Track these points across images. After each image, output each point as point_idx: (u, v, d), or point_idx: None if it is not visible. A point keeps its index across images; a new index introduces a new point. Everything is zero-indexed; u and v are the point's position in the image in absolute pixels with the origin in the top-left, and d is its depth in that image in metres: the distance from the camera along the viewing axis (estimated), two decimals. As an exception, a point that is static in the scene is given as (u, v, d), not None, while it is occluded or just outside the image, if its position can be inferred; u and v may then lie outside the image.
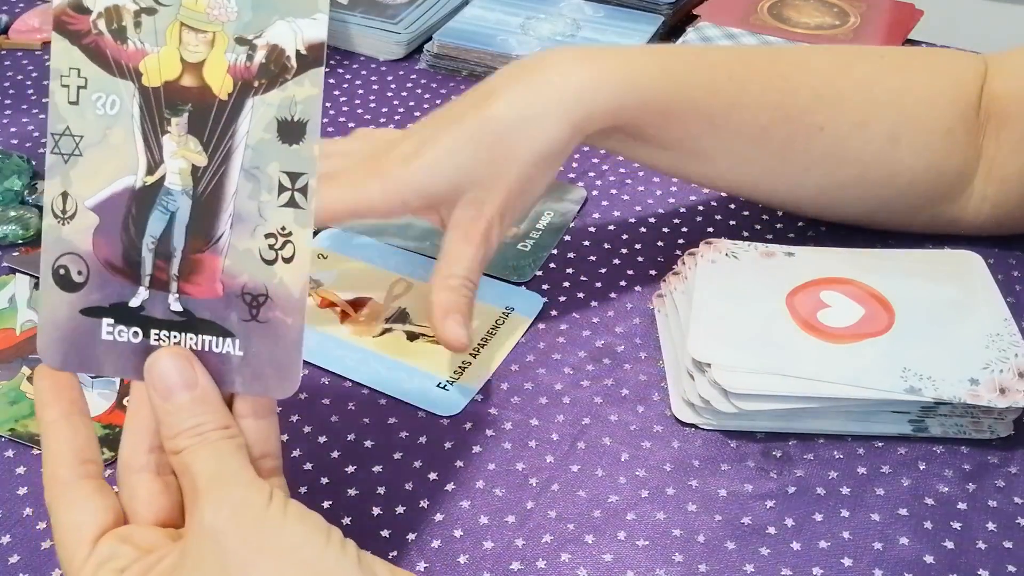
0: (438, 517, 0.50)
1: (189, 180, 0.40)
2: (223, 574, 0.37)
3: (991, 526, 0.50)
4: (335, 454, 0.54)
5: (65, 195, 0.40)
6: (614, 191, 0.73)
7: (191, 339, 0.41)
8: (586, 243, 0.68)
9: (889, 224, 0.65)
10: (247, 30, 0.39)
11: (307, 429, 0.55)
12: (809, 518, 0.51)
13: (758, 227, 0.69)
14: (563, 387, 0.58)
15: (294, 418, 0.55)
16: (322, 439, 0.54)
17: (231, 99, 0.40)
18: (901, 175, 0.62)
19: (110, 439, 0.53)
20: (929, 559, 0.49)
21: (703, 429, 0.55)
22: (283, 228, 0.40)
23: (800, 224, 0.69)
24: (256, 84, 0.39)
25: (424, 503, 0.51)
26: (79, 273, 0.41)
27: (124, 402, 0.54)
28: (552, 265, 0.66)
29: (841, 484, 0.52)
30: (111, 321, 0.41)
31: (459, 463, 0.53)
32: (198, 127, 0.40)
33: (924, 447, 0.54)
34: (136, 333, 0.41)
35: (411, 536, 0.49)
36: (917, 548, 0.49)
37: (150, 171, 0.40)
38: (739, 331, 0.56)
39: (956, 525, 0.50)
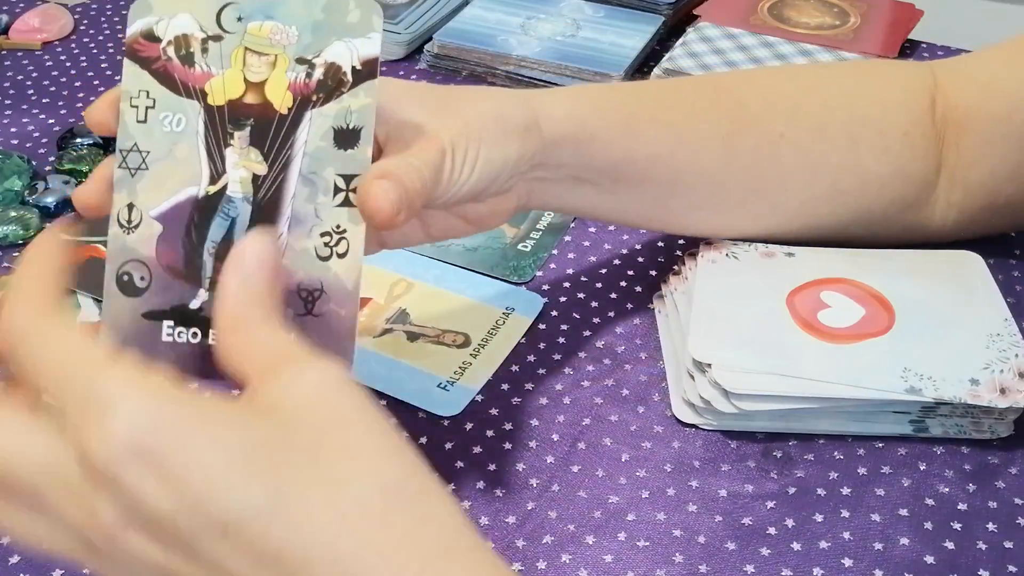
0: (438, 517, 0.50)
1: (250, 188, 0.43)
2: (304, 448, 0.34)
3: (991, 526, 0.50)
4: (335, 454, 0.53)
5: (131, 206, 0.43)
6: (614, 191, 0.73)
7: None
8: (586, 243, 0.68)
9: (866, 237, 0.64)
10: (307, 51, 0.43)
11: (307, 429, 0.55)
12: (809, 519, 0.51)
13: (758, 227, 0.69)
14: (563, 387, 0.58)
15: (294, 418, 0.55)
16: (322, 439, 0.54)
17: (291, 113, 0.43)
18: (870, 182, 0.62)
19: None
20: (929, 559, 0.49)
21: (703, 429, 0.55)
22: (338, 226, 0.43)
23: (800, 224, 0.69)
24: (314, 98, 0.43)
25: (424, 503, 0.51)
26: (142, 279, 0.43)
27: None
28: (552, 265, 0.66)
29: (841, 484, 0.52)
30: (171, 323, 0.43)
31: (459, 463, 0.53)
32: (259, 139, 0.43)
33: (924, 447, 0.54)
34: (195, 333, 0.43)
35: (411, 536, 0.49)
36: (917, 548, 0.49)
37: (213, 181, 0.43)
38: (739, 331, 0.56)
39: (956, 525, 0.50)
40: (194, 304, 0.43)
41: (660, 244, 0.68)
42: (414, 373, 0.58)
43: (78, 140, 0.75)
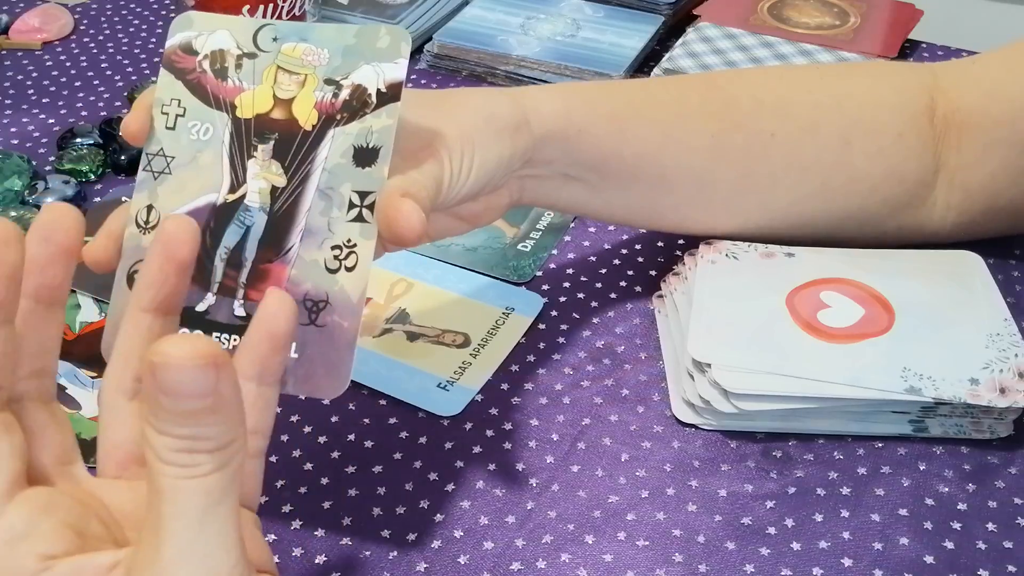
0: (438, 517, 0.50)
1: (267, 199, 0.44)
2: None
3: (991, 526, 0.50)
4: (335, 454, 0.54)
5: (150, 208, 0.44)
6: (614, 191, 0.73)
7: None
8: (586, 243, 0.68)
9: (859, 236, 0.65)
10: (335, 73, 0.45)
11: (307, 429, 0.55)
12: (809, 518, 0.51)
13: (758, 227, 0.69)
14: (563, 387, 0.58)
15: (294, 418, 0.55)
16: (322, 439, 0.54)
17: (315, 130, 0.44)
18: (861, 181, 0.62)
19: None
20: (929, 559, 0.49)
21: (703, 429, 0.55)
22: (348, 240, 0.43)
23: (800, 224, 0.69)
24: (338, 117, 0.44)
25: (424, 503, 0.51)
26: None
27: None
28: (552, 265, 0.66)
29: (841, 484, 0.52)
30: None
31: (459, 463, 0.53)
32: (282, 153, 0.44)
33: (924, 447, 0.54)
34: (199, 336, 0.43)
35: (411, 536, 0.50)
36: (917, 548, 0.49)
37: (232, 190, 0.44)
38: (739, 331, 0.56)
39: (956, 525, 0.50)
40: (200, 307, 0.43)
41: (660, 244, 0.68)
42: (414, 373, 0.58)
43: (78, 140, 0.75)
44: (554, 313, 0.62)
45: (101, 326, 0.51)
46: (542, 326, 0.62)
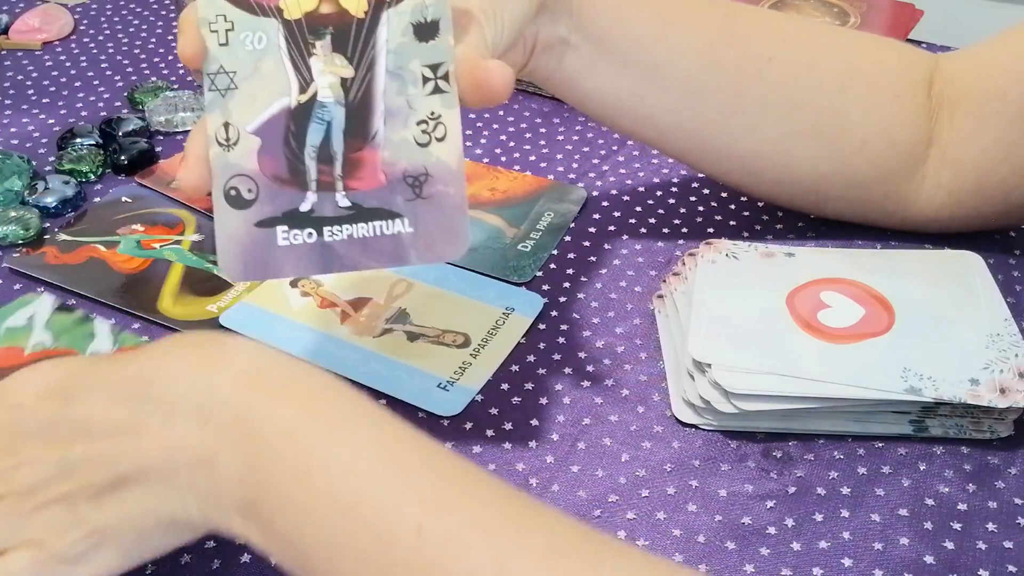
0: (438, 517, 0.50)
1: (340, 91, 0.45)
2: None
3: (991, 526, 0.50)
4: (335, 454, 0.54)
5: (227, 125, 0.45)
6: (614, 191, 0.73)
7: (363, 228, 0.46)
8: (586, 243, 0.68)
9: (844, 202, 0.65)
10: None
11: (307, 429, 0.55)
12: (809, 518, 0.51)
13: (758, 227, 0.69)
14: (563, 387, 0.58)
15: (294, 418, 0.55)
16: (322, 439, 0.54)
17: (367, 16, 0.45)
18: (852, 132, 0.62)
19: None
20: (929, 559, 0.49)
21: (703, 429, 0.55)
22: (432, 113, 0.45)
23: (800, 224, 0.69)
24: (388, 0, 0.45)
25: (424, 503, 0.51)
26: (249, 191, 0.45)
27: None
28: (552, 265, 0.66)
29: (841, 484, 0.52)
30: (285, 228, 0.45)
31: (459, 463, 0.53)
32: (341, 45, 0.45)
33: (924, 447, 0.54)
34: (311, 233, 0.45)
35: (411, 536, 0.49)
36: (917, 548, 0.49)
37: (302, 90, 0.45)
38: (739, 331, 0.56)
39: (956, 525, 0.50)
40: (304, 207, 0.45)
41: (660, 244, 0.68)
42: (414, 373, 0.58)
43: (78, 140, 0.75)
44: (554, 313, 0.62)
45: (52, 353, 0.54)
46: (542, 326, 0.62)
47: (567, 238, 0.69)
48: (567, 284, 0.65)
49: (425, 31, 0.45)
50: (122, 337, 0.56)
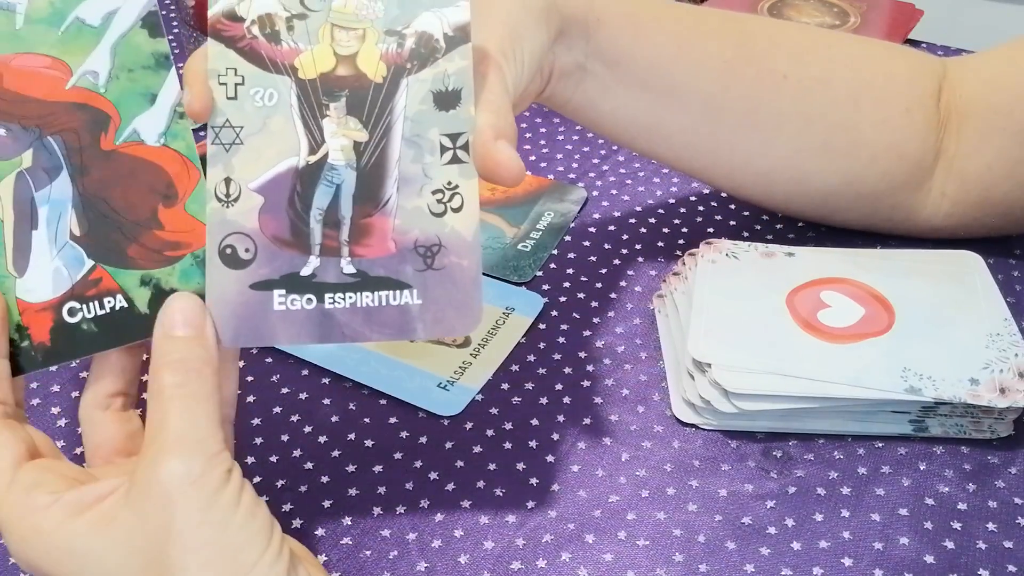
0: (438, 517, 0.50)
1: (352, 155, 0.44)
2: (160, 539, 0.38)
3: (991, 526, 0.50)
4: (335, 454, 0.54)
5: (228, 180, 0.43)
6: (614, 191, 0.73)
7: (367, 296, 0.43)
8: (586, 243, 0.68)
9: (852, 213, 0.65)
10: (395, 24, 0.44)
11: (307, 429, 0.55)
12: (809, 518, 0.51)
13: (758, 227, 0.69)
14: (563, 387, 0.58)
15: (294, 418, 0.55)
16: (322, 439, 0.54)
17: (386, 81, 0.44)
18: (863, 148, 0.62)
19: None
20: (929, 559, 0.49)
21: (703, 429, 0.55)
22: (449, 183, 0.44)
23: (800, 224, 0.69)
24: (408, 66, 0.44)
25: (424, 503, 0.51)
26: (246, 250, 0.43)
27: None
28: (552, 265, 0.66)
29: (841, 484, 0.52)
30: (283, 291, 0.43)
31: (459, 463, 0.53)
32: (356, 108, 0.44)
33: (924, 447, 0.54)
34: (310, 300, 0.43)
35: (411, 536, 0.50)
36: (917, 548, 0.49)
37: (312, 151, 0.44)
38: (739, 331, 0.56)
39: (956, 525, 0.50)
40: (305, 271, 0.43)
41: (660, 244, 0.68)
42: (414, 373, 0.58)
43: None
44: (554, 313, 0.62)
45: (93, 101, 0.45)
46: (542, 326, 0.62)
47: (567, 238, 0.69)
48: (567, 284, 0.65)
49: (445, 100, 0.44)
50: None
